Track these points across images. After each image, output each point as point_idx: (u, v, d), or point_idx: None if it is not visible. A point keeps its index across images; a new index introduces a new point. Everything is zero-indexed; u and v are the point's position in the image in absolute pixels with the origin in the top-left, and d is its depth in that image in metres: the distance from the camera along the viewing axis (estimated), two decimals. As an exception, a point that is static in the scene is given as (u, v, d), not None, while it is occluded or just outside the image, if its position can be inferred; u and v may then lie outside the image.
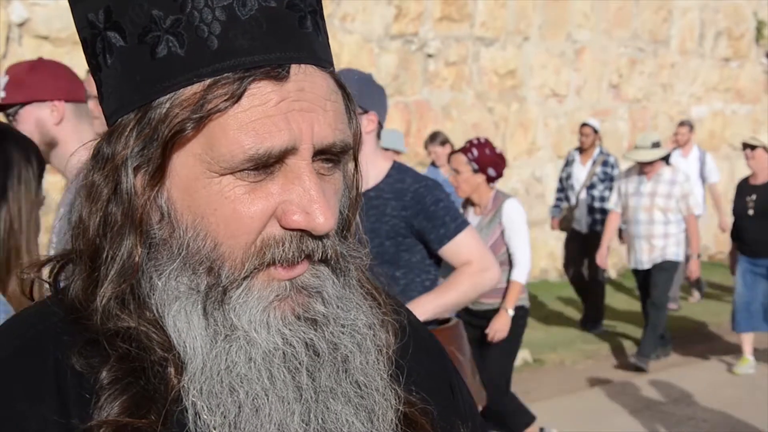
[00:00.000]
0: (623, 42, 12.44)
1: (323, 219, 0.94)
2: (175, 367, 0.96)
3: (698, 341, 9.27)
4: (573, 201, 9.63)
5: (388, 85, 9.91)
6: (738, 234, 8.47)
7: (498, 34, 11.01)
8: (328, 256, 0.99)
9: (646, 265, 8.36)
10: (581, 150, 9.73)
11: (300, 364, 0.96)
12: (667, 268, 8.33)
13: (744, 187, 8.45)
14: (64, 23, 7.08)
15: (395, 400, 1.03)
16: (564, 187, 9.82)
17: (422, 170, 7.82)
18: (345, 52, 9.48)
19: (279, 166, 0.95)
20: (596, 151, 9.67)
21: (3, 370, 0.97)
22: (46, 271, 1.07)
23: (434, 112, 10.47)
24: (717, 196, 10.60)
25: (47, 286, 1.07)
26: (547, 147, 11.76)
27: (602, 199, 9.43)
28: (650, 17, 12.68)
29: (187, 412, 0.95)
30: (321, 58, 0.99)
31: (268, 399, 0.95)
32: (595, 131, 9.63)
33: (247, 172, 0.94)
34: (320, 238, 0.97)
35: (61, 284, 1.06)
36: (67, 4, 1.02)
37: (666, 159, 8.53)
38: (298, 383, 0.96)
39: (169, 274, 0.97)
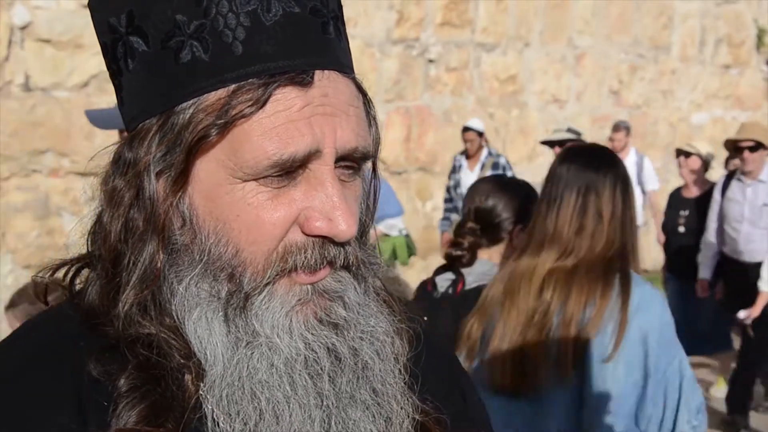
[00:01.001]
0: (624, 48, 12.45)
1: (346, 226, 0.94)
2: (194, 374, 0.95)
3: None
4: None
5: (389, 90, 9.91)
6: (668, 249, 7.78)
7: (499, 40, 11.02)
8: (350, 263, 0.99)
9: None
10: (468, 155, 8.72)
11: (321, 369, 0.96)
12: None
13: (676, 199, 7.72)
14: (67, 26, 7.07)
15: (411, 408, 1.03)
16: (452, 197, 8.72)
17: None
18: (346, 56, 9.47)
19: (302, 172, 0.95)
20: (484, 153, 8.68)
21: (19, 376, 0.96)
22: (59, 275, 1.06)
23: (435, 118, 10.47)
24: (655, 204, 9.31)
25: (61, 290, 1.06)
26: (547, 153, 11.76)
27: None
28: (651, 23, 12.69)
29: (205, 419, 0.94)
30: (343, 63, 0.99)
31: (289, 406, 0.94)
32: (480, 134, 8.61)
33: (270, 178, 0.93)
34: (342, 244, 0.96)
35: (76, 288, 1.05)
36: (70, 6, 1.01)
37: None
38: (319, 389, 0.96)
39: (190, 280, 0.96)
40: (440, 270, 3.14)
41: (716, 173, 9.17)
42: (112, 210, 0.98)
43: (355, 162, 0.99)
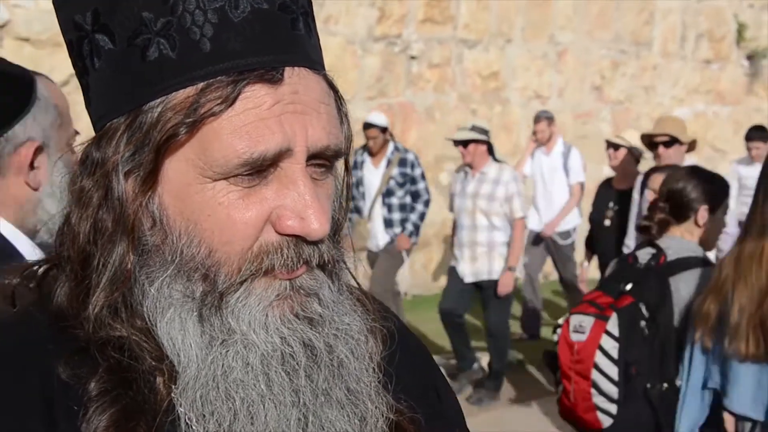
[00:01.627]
0: (605, 44, 12.49)
1: (318, 224, 0.93)
2: (166, 376, 0.94)
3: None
4: (366, 213, 7.87)
5: (371, 87, 9.91)
6: (591, 244, 7.41)
7: (481, 36, 11.03)
8: (325, 261, 0.98)
9: (469, 279, 7.03)
10: (371, 152, 7.91)
11: (298, 364, 0.95)
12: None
13: (605, 191, 7.28)
14: (45, 25, 7.02)
15: (385, 407, 1.02)
16: (354, 196, 7.71)
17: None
18: (328, 54, 9.44)
19: (273, 170, 0.94)
20: (389, 148, 7.88)
21: None
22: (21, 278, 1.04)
23: (417, 114, 10.48)
24: (575, 196, 8.55)
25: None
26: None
27: (402, 207, 7.75)
28: (632, 19, 12.74)
29: (178, 422, 0.93)
30: (314, 60, 0.98)
31: (264, 405, 0.93)
32: (383, 129, 7.80)
33: (241, 177, 0.92)
34: (316, 243, 0.96)
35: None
36: (49, 5, 1.00)
37: (492, 154, 7.05)
38: (295, 386, 0.95)
39: (162, 282, 0.95)
40: (640, 246, 3.81)
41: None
42: (80, 211, 0.96)
43: (327, 160, 0.98)
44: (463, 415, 1.26)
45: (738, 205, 7.48)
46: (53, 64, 7.16)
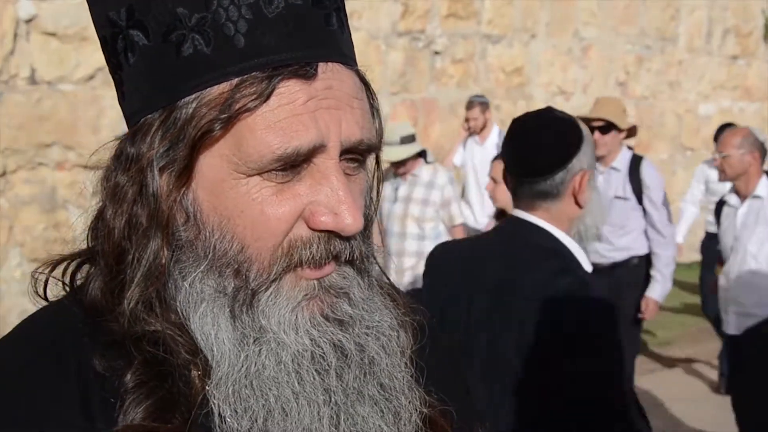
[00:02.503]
0: (630, 39, 12.40)
1: (352, 220, 0.93)
2: (201, 370, 0.95)
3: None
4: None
5: (394, 82, 9.89)
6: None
7: (505, 32, 10.98)
8: (354, 257, 0.98)
9: None
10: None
11: (329, 365, 0.95)
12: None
13: None
14: (72, 20, 7.06)
15: (419, 402, 1.02)
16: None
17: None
18: (352, 49, 9.45)
19: (306, 166, 0.94)
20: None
21: (24, 373, 0.95)
22: (59, 271, 1.05)
23: (441, 110, 10.45)
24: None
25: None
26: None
27: None
28: (658, 15, 12.64)
29: (212, 415, 0.93)
30: (347, 55, 0.98)
31: (297, 402, 0.94)
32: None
33: (274, 173, 0.93)
34: (347, 238, 0.96)
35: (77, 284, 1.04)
36: (75, 0, 1.00)
37: (424, 156, 6.35)
38: (326, 385, 0.95)
39: (195, 277, 0.95)
40: None
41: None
42: (115, 206, 0.97)
43: (359, 155, 0.98)
44: (485, 409, 1.26)
45: (703, 212, 7.05)
46: (80, 58, 7.21)
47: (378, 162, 1.07)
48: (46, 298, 1.05)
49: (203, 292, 0.95)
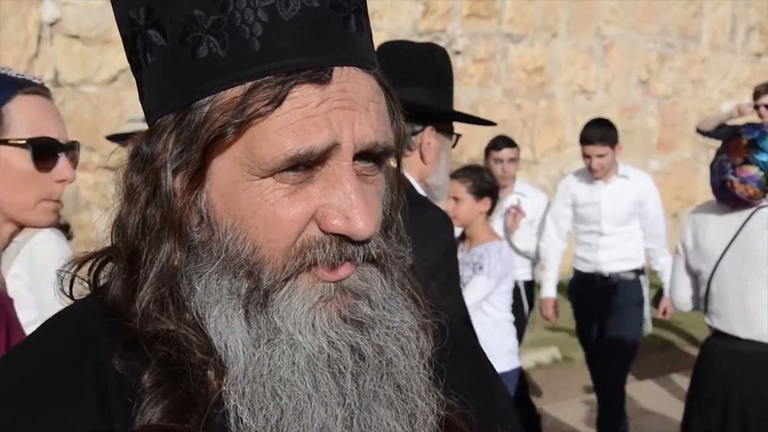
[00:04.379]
0: (652, 37, 12.31)
1: (363, 224, 0.93)
2: (215, 370, 0.95)
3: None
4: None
5: (415, 82, 9.87)
6: None
7: (526, 31, 10.94)
8: (374, 257, 0.98)
9: None
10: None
11: (345, 368, 0.95)
12: None
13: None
14: (95, 22, 7.12)
15: (436, 404, 1.01)
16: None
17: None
18: (372, 49, 9.44)
19: (320, 168, 0.94)
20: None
21: (43, 373, 0.96)
22: (85, 269, 1.06)
23: (462, 109, 10.41)
24: None
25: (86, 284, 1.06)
26: (575, 144, 11.62)
27: None
28: (680, 12, 12.54)
29: (228, 415, 0.94)
30: (364, 59, 0.97)
31: (311, 404, 0.94)
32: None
33: (287, 174, 0.93)
34: (361, 242, 0.95)
35: (101, 282, 1.05)
36: (98, 2, 1.01)
37: None
38: (342, 388, 0.95)
39: (208, 278, 0.96)
40: None
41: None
42: (129, 206, 0.98)
43: (376, 157, 0.98)
44: (515, 410, 1.25)
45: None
46: (103, 60, 7.27)
47: (399, 163, 1.06)
48: (72, 297, 1.06)
49: (217, 293, 0.96)
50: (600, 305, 5.85)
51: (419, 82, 2.60)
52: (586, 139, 5.97)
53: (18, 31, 6.95)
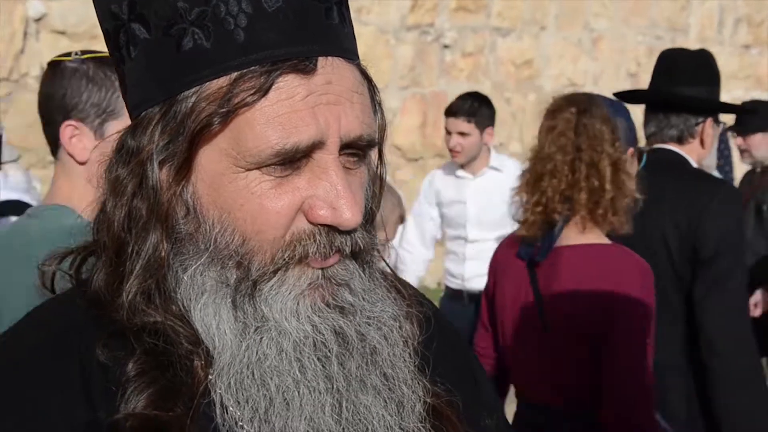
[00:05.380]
0: (641, 30, 12.34)
1: (350, 214, 0.94)
2: (202, 360, 0.95)
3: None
4: None
5: (404, 77, 9.88)
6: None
7: (514, 24, 10.95)
8: (358, 249, 0.98)
9: None
10: None
11: (330, 351, 0.95)
12: None
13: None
14: (81, 18, 7.09)
15: (422, 392, 1.02)
16: None
17: (439, 162, 7.69)
18: (361, 43, 9.30)
19: (305, 160, 0.94)
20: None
21: (27, 364, 0.97)
22: (66, 264, 1.07)
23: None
24: None
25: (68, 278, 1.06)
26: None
27: None
28: (668, 5, 12.58)
29: (214, 405, 0.94)
30: (347, 49, 0.98)
31: (299, 392, 0.94)
32: None
33: (273, 167, 0.93)
34: (348, 232, 0.96)
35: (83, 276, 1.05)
36: (83, -2, 1.01)
37: None
38: (328, 372, 0.95)
39: (195, 269, 0.96)
40: None
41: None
42: (115, 199, 0.98)
43: (360, 149, 0.98)
44: (499, 400, 1.26)
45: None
46: (89, 56, 7.24)
47: (381, 156, 1.07)
48: (53, 291, 1.06)
49: (204, 283, 0.96)
50: (472, 331, 3.62)
51: (700, 82, 3.35)
52: (450, 110, 4.82)
53: (4, 27, 6.92)
